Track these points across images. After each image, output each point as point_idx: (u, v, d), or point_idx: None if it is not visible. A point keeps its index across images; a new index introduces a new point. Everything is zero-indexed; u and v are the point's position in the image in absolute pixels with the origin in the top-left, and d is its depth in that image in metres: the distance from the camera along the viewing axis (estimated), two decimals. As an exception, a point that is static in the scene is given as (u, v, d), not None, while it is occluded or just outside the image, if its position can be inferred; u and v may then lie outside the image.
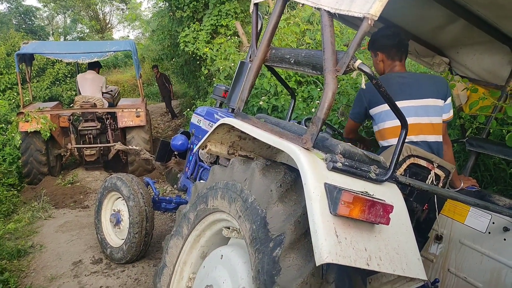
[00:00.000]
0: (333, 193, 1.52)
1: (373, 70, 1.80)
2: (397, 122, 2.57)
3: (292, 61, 2.05)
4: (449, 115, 2.82)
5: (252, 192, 1.95)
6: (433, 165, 2.53)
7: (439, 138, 2.72)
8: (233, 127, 2.28)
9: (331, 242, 1.43)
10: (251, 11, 2.53)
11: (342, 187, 1.55)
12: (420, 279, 1.62)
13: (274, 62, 2.25)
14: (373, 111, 2.78)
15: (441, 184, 2.61)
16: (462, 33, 3.20)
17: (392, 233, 1.63)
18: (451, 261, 2.83)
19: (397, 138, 2.60)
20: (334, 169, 1.66)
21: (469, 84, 3.53)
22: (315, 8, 1.90)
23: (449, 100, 2.78)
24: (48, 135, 7.55)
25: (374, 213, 1.50)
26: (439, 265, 2.89)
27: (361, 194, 1.53)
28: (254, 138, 2.13)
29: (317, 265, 1.41)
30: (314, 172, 1.59)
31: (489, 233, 2.63)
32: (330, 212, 1.50)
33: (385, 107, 2.65)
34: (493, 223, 2.61)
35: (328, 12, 1.79)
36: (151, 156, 7.60)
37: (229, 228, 2.32)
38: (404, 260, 1.59)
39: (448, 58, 3.62)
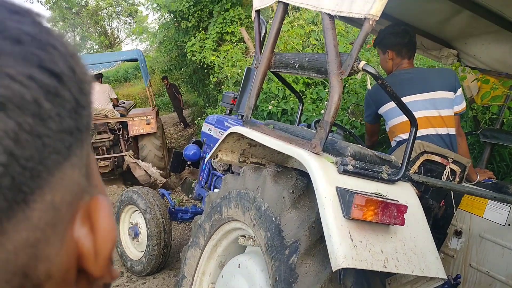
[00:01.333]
0: (345, 197, 1.51)
1: (378, 69, 1.79)
2: (404, 118, 2.58)
3: (296, 66, 2.05)
4: (461, 107, 2.78)
5: (265, 199, 1.95)
6: (447, 160, 2.50)
7: (451, 130, 2.69)
8: (243, 135, 2.28)
9: (346, 247, 1.42)
10: (253, 18, 2.54)
11: (354, 190, 1.54)
12: (440, 278, 1.59)
13: (279, 68, 2.25)
14: (381, 111, 2.79)
15: (457, 179, 2.57)
16: (469, 24, 3.16)
17: (408, 233, 1.61)
18: (472, 256, 2.78)
19: (406, 134, 2.61)
20: (345, 172, 1.65)
21: (480, 75, 3.48)
22: (316, 11, 1.90)
23: (459, 91, 2.75)
24: None
25: (388, 215, 1.48)
26: (460, 260, 2.85)
27: (374, 196, 1.51)
28: (264, 145, 2.13)
29: (333, 270, 1.40)
30: (325, 176, 1.58)
31: (509, 225, 2.58)
32: (344, 216, 1.49)
33: (391, 104, 2.66)
34: None
35: (329, 15, 1.79)
36: (163, 179, 7.55)
37: (244, 236, 2.31)
38: (422, 259, 1.57)
39: (456, 50, 3.57)
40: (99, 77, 9.30)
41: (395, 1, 3.01)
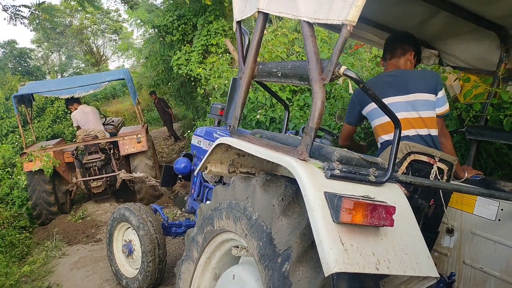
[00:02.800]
0: (333, 201, 1.52)
1: (359, 75, 1.81)
2: (385, 119, 2.62)
3: (279, 74, 2.07)
4: (443, 108, 2.81)
5: (255, 209, 1.96)
6: (434, 159, 2.53)
7: (432, 131, 2.72)
8: (231, 145, 2.29)
9: (337, 251, 1.43)
10: (234, 29, 2.56)
11: (342, 194, 1.55)
12: (432, 276, 1.60)
13: (262, 77, 2.26)
14: (365, 111, 2.85)
15: (445, 177, 2.60)
16: (447, 25, 3.21)
17: (398, 234, 1.62)
18: (465, 253, 2.80)
19: (388, 134, 2.65)
20: (333, 176, 1.66)
21: (461, 73, 3.53)
22: (295, 19, 1.92)
23: (440, 94, 2.77)
24: (51, 171, 7.55)
25: (377, 217, 1.49)
26: (454, 258, 2.87)
27: (362, 199, 1.52)
28: (252, 154, 2.14)
29: (325, 275, 1.40)
30: (312, 182, 1.59)
31: (499, 220, 2.61)
32: (333, 220, 1.50)
33: (373, 105, 2.72)
34: (502, 209, 2.59)
35: (308, 22, 1.81)
36: (157, 182, 7.60)
37: (238, 247, 2.31)
38: (414, 259, 1.58)
39: (436, 50, 3.63)
40: (77, 101, 9.24)
41: (373, 5, 3.07)
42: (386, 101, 2.61)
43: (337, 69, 1.66)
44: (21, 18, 13.48)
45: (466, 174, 2.93)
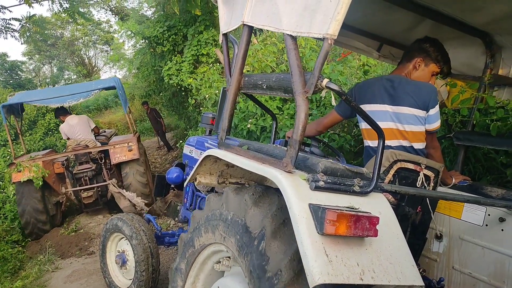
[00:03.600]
0: (318, 213, 1.53)
1: (341, 83, 1.83)
2: (368, 125, 2.64)
3: (264, 87, 2.08)
4: (434, 125, 2.73)
5: (230, 210, 2.08)
6: (420, 166, 2.55)
7: (416, 145, 2.70)
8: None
9: (321, 263, 1.44)
10: (220, 42, 2.58)
11: (326, 206, 1.56)
12: (417, 285, 1.62)
13: (248, 89, 2.28)
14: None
15: (432, 184, 2.62)
16: (432, 32, 3.25)
17: (383, 243, 1.64)
18: (454, 258, 2.82)
19: (372, 141, 2.67)
20: (317, 188, 1.68)
21: (448, 79, 3.58)
22: (277, 32, 1.95)
23: (433, 111, 2.68)
24: (41, 183, 7.44)
25: (361, 227, 1.51)
26: (443, 263, 2.89)
27: (346, 210, 1.54)
28: (240, 166, 2.16)
29: (310, 287, 1.41)
30: (297, 194, 1.61)
31: (486, 225, 2.63)
32: (318, 232, 1.51)
33: (367, 107, 2.71)
34: (489, 215, 2.62)
35: (291, 35, 1.83)
36: (146, 208, 7.43)
37: (219, 262, 2.34)
38: (399, 268, 1.60)
39: (424, 57, 3.66)
40: (65, 112, 9.14)
41: (359, 14, 3.12)
42: (376, 106, 2.68)
43: (319, 81, 1.68)
44: (12, 31, 13.49)
45: (454, 180, 2.96)
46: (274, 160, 1.86)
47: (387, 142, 2.61)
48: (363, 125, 2.85)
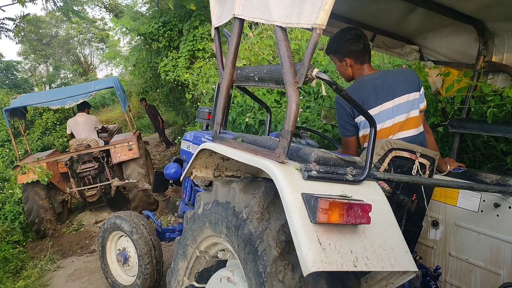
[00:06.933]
0: (310, 202, 1.54)
1: (331, 77, 1.83)
2: (385, 124, 2.61)
3: (256, 79, 2.09)
4: (424, 103, 2.80)
5: (219, 198, 2.21)
6: (416, 155, 2.56)
7: (420, 129, 2.72)
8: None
9: (315, 251, 1.45)
10: (212, 35, 2.59)
11: (319, 195, 1.57)
12: (411, 271, 1.63)
13: (241, 81, 2.29)
14: (358, 119, 2.70)
15: (427, 172, 2.63)
16: (425, 20, 3.25)
17: (376, 230, 1.65)
18: (450, 245, 2.84)
19: (382, 139, 2.62)
20: (310, 177, 1.69)
21: (442, 68, 3.58)
22: (268, 24, 1.95)
23: (422, 89, 2.76)
24: (47, 179, 7.53)
25: (353, 215, 1.52)
26: (440, 250, 2.91)
27: (338, 199, 1.55)
28: (234, 158, 2.18)
29: (304, 275, 1.43)
30: (289, 184, 1.62)
31: (482, 211, 2.65)
32: (311, 221, 1.53)
33: (374, 111, 2.61)
34: (484, 201, 2.63)
35: (281, 27, 1.84)
36: (149, 186, 7.60)
37: (224, 250, 2.35)
38: (392, 255, 1.61)
39: (417, 46, 3.67)
40: (85, 108, 9.31)
41: (350, 4, 3.12)
42: (381, 108, 2.62)
43: (310, 71, 1.69)
44: (6, 31, 13.46)
45: (448, 167, 2.97)
46: (267, 151, 1.87)
47: (400, 135, 2.61)
48: (361, 133, 2.73)
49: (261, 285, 1.72)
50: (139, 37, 11.85)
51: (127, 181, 7.99)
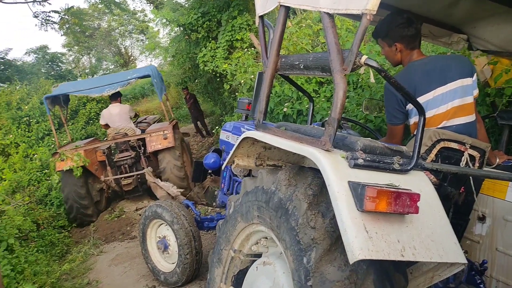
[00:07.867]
0: (357, 190, 1.53)
1: (379, 63, 1.79)
2: (439, 110, 2.53)
3: (301, 67, 2.08)
4: (477, 91, 2.71)
5: (265, 189, 2.20)
6: (465, 146, 2.46)
7: (473, 117, 2.63)
8: (257, 139, 2.33)
9: (361, 239, 1.44)
10: (257, 24, 2.59)
11: (366, 183, 1.56)
12: (460, 263, 1.59)
13: (285, 70, 2.28)
14: (409, 106, 2.62)
15: (477, 164, 2.54)
16: (475, 8, 3.13)
17: (424, 220, 1.62)
18: (498, 240, 2.75)
19: (430, 129, 2.53)
20: (356, 166, 1.67)
21: (491, 57, 3.44)
22: (315, 11, 1.93)
23: (475, 76, 2.67)
24: (80, 171, 7.59)
25: (401, 204, 1.50)
26: (486, 245, 2.82)
27: (385, 187, 1.53)
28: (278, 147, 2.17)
29: (350, 263, 1.42)
30: (336, 172, 1.61)
31: None
32: (357, 209, 1.52)
33: (427, 96, 2.54)
34: None
35: (328, 13, 1.81)
36: (179, 193, 7.50)
37: (266, 238, 2.37)
38: (441, 246, 1.58)
39: (465, 35, 3.54)
40: (117, 97, 9.36)
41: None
42: (434, 93, 2.53)
43: (358, 59, 1.66)
44: (52, 24, 13.92)
45: (497, 160, 2.86)
46: (312, 139, 1.86)
47: (454, 121, 2.53)
48: (412, 121, 2.66)
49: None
50: (178, 28, 11.98)
51: (158, 182, 7.88)
